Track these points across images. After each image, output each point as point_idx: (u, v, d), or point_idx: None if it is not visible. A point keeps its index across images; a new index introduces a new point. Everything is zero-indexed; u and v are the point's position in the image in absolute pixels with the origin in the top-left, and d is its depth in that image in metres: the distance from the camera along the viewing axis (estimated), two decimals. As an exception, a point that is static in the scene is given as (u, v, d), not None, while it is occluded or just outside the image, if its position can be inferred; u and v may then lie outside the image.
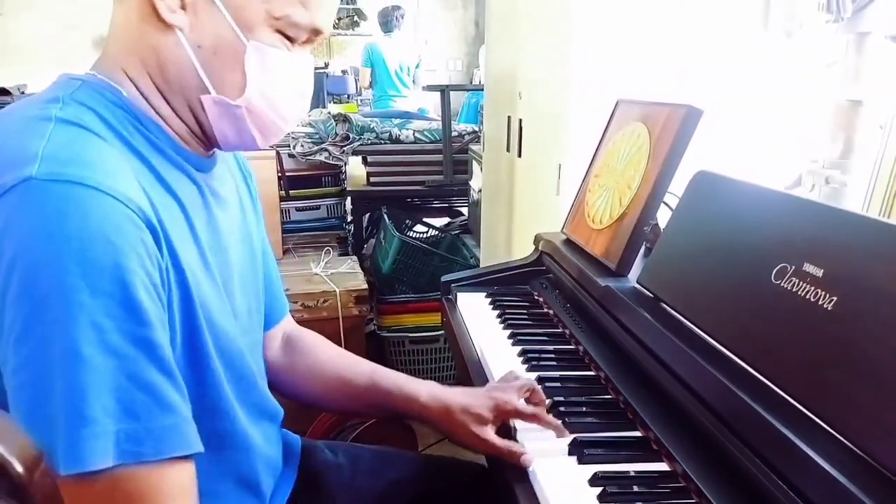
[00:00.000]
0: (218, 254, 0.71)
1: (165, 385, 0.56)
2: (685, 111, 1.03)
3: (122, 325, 0.53)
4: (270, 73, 0.66)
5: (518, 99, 1.77)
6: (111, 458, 0.52)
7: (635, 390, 0.85)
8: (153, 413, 0.55)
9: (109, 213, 0.54)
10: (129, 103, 0.64)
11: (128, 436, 0.53)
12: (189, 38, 0.63)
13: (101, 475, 0.52)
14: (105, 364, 0.52)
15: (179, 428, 0.57)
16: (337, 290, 2.06)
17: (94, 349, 0.52)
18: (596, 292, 1.04)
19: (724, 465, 0.66)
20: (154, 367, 0.55)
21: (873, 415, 0.55)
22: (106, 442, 0.52)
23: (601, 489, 0.67)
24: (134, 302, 0.54)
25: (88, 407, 0.51)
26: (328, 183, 2.85)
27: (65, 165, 0.54)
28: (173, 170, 0.66)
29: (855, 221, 0.67)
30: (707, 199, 0.92)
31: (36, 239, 0.51)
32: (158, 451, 0.55)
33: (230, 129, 0.68)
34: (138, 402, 0.54)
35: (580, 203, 1.28)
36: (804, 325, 0.65)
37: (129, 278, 0.54)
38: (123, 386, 0.53)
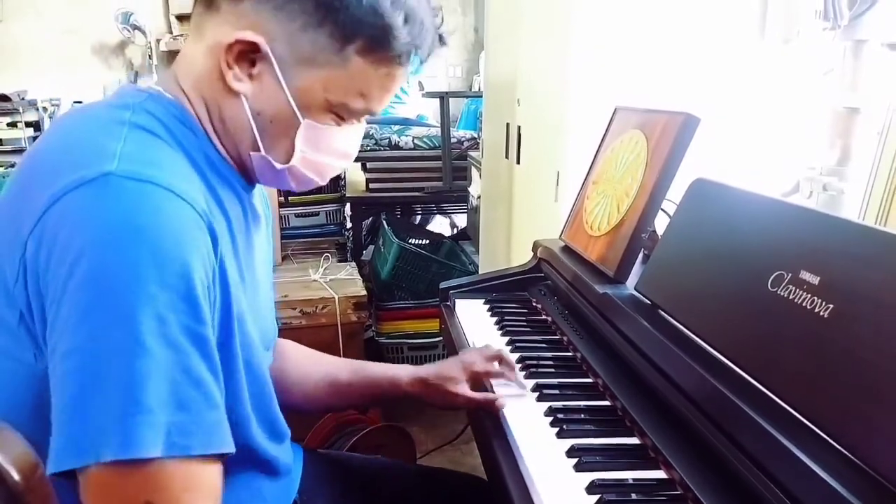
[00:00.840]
0: (250, 271, 0.74)
1: (212, 382, 0.57)
2: (683, 119, 1.03)
3: (183, 320, 0.55)
4: (318, 145, 0.71)
5: (517, 106, 1.78)
6: (160, 449, 0.52)
7: (633, 397, 0.85)
8: (202, 408, 0.56)
9: (180, 212, 0.57)
10: (191, 120, 0.68)
11: (178, 428, 0.54)
12: (251, 105, 0.68)
13: (146, 464, 0.52)
14: (164, 355, 0.53)
15: (222, 425, 0.58)
16: (336, 297, 2.06)
17: (156, 340, 0.53)
18: (594, 299, 1.04)
19: (721, 473, 0.66)
20: (205, 363, 0.57)
21: (870, 423, 0.56)
22: (158, 432, 0.52)
23: (598, 497, 0.67)
24: (195, 299, 0.56)
25: (146, 395, 0.52)
26: (327, 189, 2.85)
27: (141, 165, 0.57)
28: (224, 186, 0.70)
29: (851, 229, 0.68)
30: (704, 206, 0.92)
31: (110, 229, 0.53)
32: (205, 445, 0.55)
33: (271, 179, 0.73)
34: (190, 397, 0.55)
35: (578, 210, 1.29)
36: (800, 332, 0.66)
37: (194, 276, 0.56)
38: (178, 379, 0.54)
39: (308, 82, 0.66)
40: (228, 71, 0.66)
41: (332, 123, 0.70)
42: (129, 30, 4.31)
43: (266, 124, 0.69)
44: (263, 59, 0.65)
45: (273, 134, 0.69)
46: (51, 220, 0.54)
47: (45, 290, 0.54)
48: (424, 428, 2.12)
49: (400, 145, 2.74)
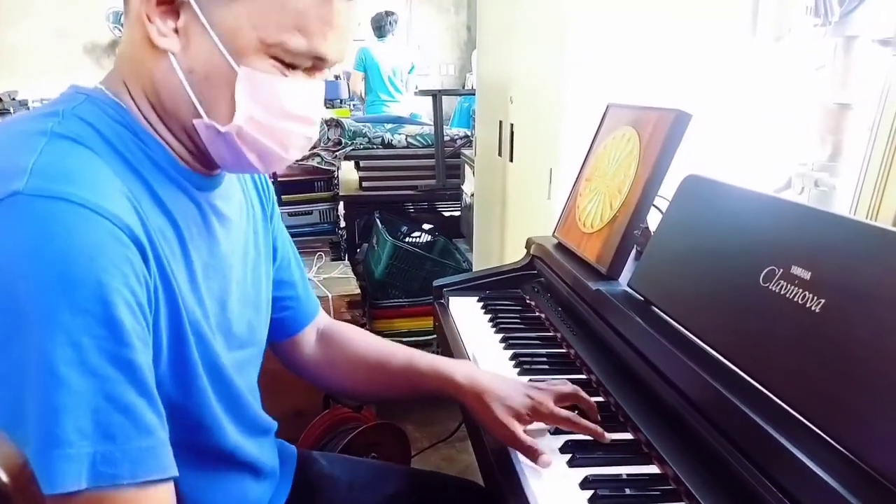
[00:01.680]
0: (215, 271, 0.70)
1: (143, 407, 0.55)
2: (674, 116, 1.03)
3: (103, 345, 0.52)
4: (262, 99, 0.63)
5: (510, 104, 1.78)
6: (84, 481, 0.50)
7: (627, 393, 0.85)
8: (130, 435, 0.53)
9: (94, 230, 0.53)
10: (131, 120, 0.64)
11: (104, 458, 0.51)
12: (181, 63, 0.62)
13: (76, 497, 0.50)
14: (83, 384, 0.51)
15: (155, 451, 0.55)
16: (330, 296, 2.06)
17: (72, 369, 0.50)
18: (587, 296, 1.04)
19: (714, 468, 0.67)
20: (133, 388, 0.54)
21: (861, 417, 0.56)
22: (79, 464, 0.50)
23: (592, 492, 0.67)
24: (115, 321, 0.53)
25: (61, 428, 0.50)
26: (320, 188, 2.84)
27: (52, 181, 0.53)
28: (171, 188, 0.65)
29: (842, 224, 0.68)
30: (696, 202, 0.92)
31: (17, 255, 0.50)
32: (134, 473, 0.53)
33: (226, 153, 0.66)
34: (115, 424, 0.52)
35: (571, 207, 1.29)
36: (792, 327, 0.66)
37: (112, 297, 0.53)
38: (101, 407, 0.52)
39: (235, 20, 0.60)
40: (151, 27, 0.60)
41: (274, 72, 0.63)
42: (121, 29, 4.29)
43: (201, 82, 0.62)
44: (183, 3, 0.60)
45: (211, 92, 0.63)
46: None
47: None
48: (419, 426, 2.12)
49: (393, 144, 2.74)
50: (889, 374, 0.55)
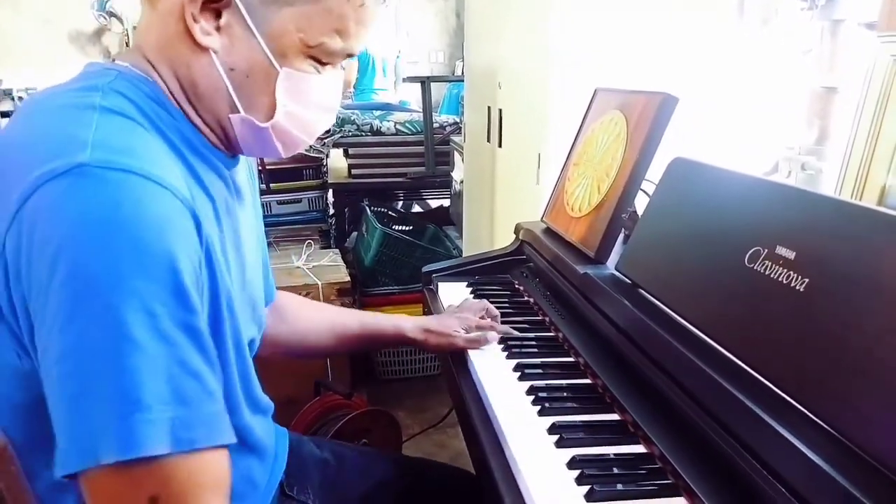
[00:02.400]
0: (237, 249, 0.72)
1: (209, 373, 0.56)
2: (661, 99, 1.03)
3: (174, 312, 0.53)
4: (300, 96, 0.67)
5: (498, 89, 1.77)
6: (167, 445, 0.51)
7: (613, 375, 0.86)
8: (203, 400, 0.55)
9: (161, 201, 0.54)
10: (164, 98, 0.64)
11: (182, 422, 0.52)
12: (222, 61, 0.64)
13: (150, 463, 0.51)
14: (157, 350, 0.52)
15: (223, 416, 0.57)
16: (319, 283, 2.06)
17: (147, 334, 0.51)
18: (575, 280, 1.04)
19: (699, 446, 0.67)
20: (200, 354, 0.55)
21: (844, 394, 0.56)
22: (161, 428, 0.51)
23: (579, 472, 0.67)
24: (184, 290, 0.54)
25: (143, 392, 0.51)
26: (309, 176, 2.83)
27: (116, 153, 0.54)
28: (204, 166, 0.67)
29: (826, 204, 0.68)
30: (683, 185, 0.93)
31: (88, 224, 0.51)
32: (210, 437, 0.54)
33: (255, 143, 0.69)
34: (189, 389, 0.54)
35: (559, 192, 1.29)
36: (777, 307, 0.66)
37: (180, 266, 0.54)
38: (175, 373, 0.53)
39: (280, 24, 0.62)
40: (195, 25, 0.61)
41: (311, 70, 0.67)
42: (106, 17, 4.25)
43: (242, 80, 0.65)
44: (229, 5, 0.61)
45: (251, 90, 0.65)
46: (26, 218, 0.52)
47: (28, 290, 0.53)
48: (410, 412, 2.13)
49: (382, 131, 2.73)
50: (871, 351, 0.56)
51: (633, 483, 0.66)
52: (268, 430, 0.82)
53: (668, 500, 0.64)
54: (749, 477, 0.59)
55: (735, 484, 0.61)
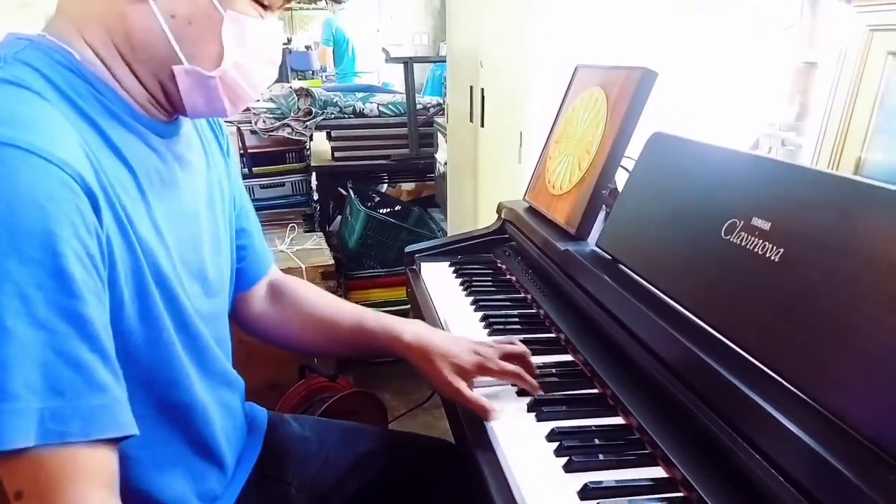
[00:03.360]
0: (184, 218, 0.69)
1: (95, 362, 0.53)
2: (641, 74, 1.03)
3: (52, 297, 0.50)
4: (246, 43, 0.64)
5: (480, 68, 1.76)
6: (33, 437, 0.48)
7: (593, 350, 0.86)
8: (80, 391, 0.51)
9: (43, 177, 0.51)
10: (80, 66, 0.61)
11: (52, 414, 0.50)
12: (162, 7, 0.60)
13: (22, 455, 0.49)
14: (31, 337, 0.49)
15: (110, 408, 0.53)
16: (303, 267, 2.05)
17: (19, 321, 0.48)
18: (556, 256, 1.04)
19: (676, 417, 0.68)
20: (84, 343, 0.52)
21: (817, 361, 0.57)
22: (28, 420, 0.48)
23: (558, 444, 0.68)
24: (65, 273, 0.51)
25: (10, 382, 0.48)
26: (292, 159, 2.81)
27: (5, 122, 0.51)
28: (127, 135, 0.63)
29: (799, 174, 0.69)
30: (662, 159, 0.93)
31: None
32: (85, 431, 0.51)
33: (201, 98, 0.66)
34: (65, 380, 0.51)
35: (541, 170, 1.29)
36: (752, 277, 0.67)
37: (61, 247, 0.51)
38: (50, 361, 0.50)
39: None
40: None
41: (254, 14, 0.64)
42: None
43: (183, 27, 0.61)
44: None
45: (193, 37, 0.62)
46: None
47: None
48: (396, 394, 2.14)
49: (365, 113, 2.71)
50: (844, 319, 0.56)
51: (612, 453, 0.67)
52: (235, 405, 0.81)
53: (645, 469, 0.65)
54: (724, 445, 0.60)
55: (711, 452, 0.62)
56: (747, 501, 0.56)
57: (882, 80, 0.85)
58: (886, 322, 0.52)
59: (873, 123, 0.85)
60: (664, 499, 0.60)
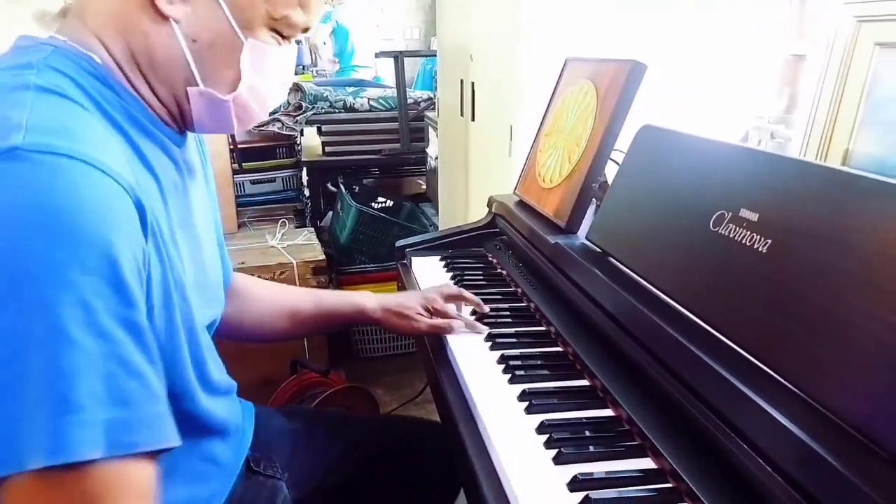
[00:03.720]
0: (189, 229, 0.70)
1: (151, 372, 0.53)
2: (630, 66, 1.03)
3: (112, 307, 0.50)
4: (263, 69, 0.66)
5: (470, 62, 1.75)
6: (101, 449, 0.47)
7: (583, 342, 0.86)
8: (143, 401, 0.51)
9: (100, 187, 0.51)
10: (107, 74, 0.61)
11: (120, 425, 0.49)
12: (184, 31, 0.62)
13: (85, 468, 0.47)
14: (94, 347, 0.48)
15: (165, 417, 0.54)
16: (294, 262, 2.04)
17: (83, 330, 0.48)
18: (546, 250, 1.04)
19: (665, 408, 0.68)
20: (142, 353, 0.52)
21: (805, 352, 0.57)
22: (95, 431, 0.47)
23: (547, 436, 0.68)
24: (124, 283, 0.51)
25: (75, 392, 0.47)
26: (283, 154, 2.80)
27: (52, 136, 0.50)
28: (151, 145, 0.64)
29: (788, 165, 0.69)
30: (651, 152, 0.93)
31: (22, 210, 0.47)
32: (150, 441, 0.51)
33: (211, 118, 0.67)
34: (129, 389, 0.50)
35: (531, 163, 1.28)
36: (740, 269, 0.67)
37: (119, 258, 0.50)
38: (114, 371, 0.49)
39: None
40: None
41: (273, 43, 0.66)
42: (69, -6, 4.12)
43: (204, 51, 0.63)
44: None
45: (212, 61, 0.64)
46: None
47: None
48: (388, 389, 2.14)
49: (355, 107, 2.69)
50: (831, 309, 0.56)
51: (601, 445, 0.67)
52: (232, 409, 0.81)
53: (634, 460, 0.65)
54: (713, 436, 0.60)
55: (699, 443, 0.62)
56: (735, 491, 0.57)
57: (869, 70, 0.85)
58: (873, 312, 0.52)
59: (860, 115, 0.85)
60: (653, 489, 0.60)
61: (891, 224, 0.55)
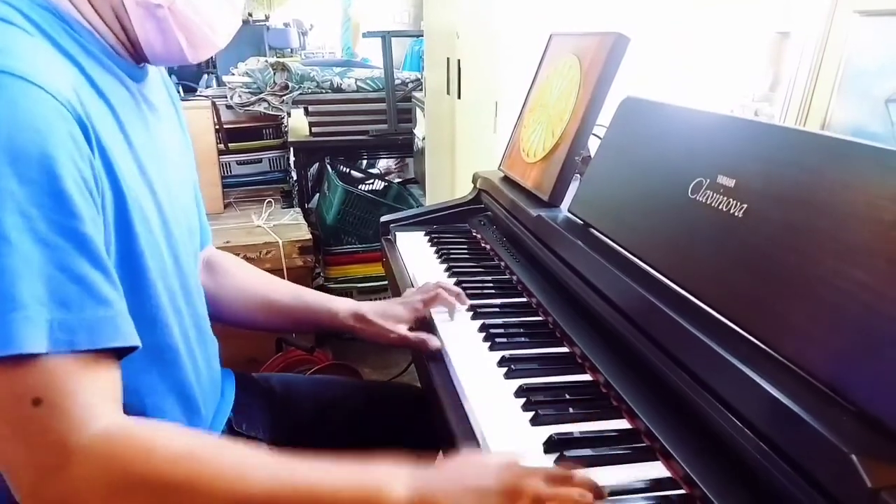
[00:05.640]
0: (158, 161, 0.70)
1: (98, 278, 0.54)
2: (613, 39, 1.03)
3: (51, 216, 0.51)
4: None
5: (456, 39, 1.75)
6: (45, 344, 0.50)
7: (563, 311, 0.87)
8: (86, 304, 0.53)
9: (37, 103, 0.52)
10: (55, 6, 0.61)
11: (60, 324, 0.51)
12: None
13: (35, 361, 0.50)
14: (34, 252, 0.50)
15: (114, 321, 0.55)
16: (280, 242, 2.04)
17: (23, 236, 0.50)
18: (529, 223, 1.04)
19: (641, 371, 0.69)
20: (85, 259, 0.53)
21: (778, 311, 0.58)
22: (38, 328, 0.50)
23: (525, 399, 0.68)
24: (63, 193, 0.52)
25: (18, 291, 0.49)
26: (269, 135, 2.78)
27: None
28: (105, 73, 0.64)
29: (764, 131, 0.69)
30: (632, 124, 0.93)
31: None
32: (92, 340, 0.53)
33: (155, 34, 0.66)
34: (70, 293, 0.52)
35: (516, 139, 1.28)
36: (717, 234, 0.67)
37: (58, 169, 0.52)
38: (54, 276, 0.51)
39: None
40: None
41: None
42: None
43: None
44: None
45: None
46: None
47: None
48: (374, 368, 2.14)
49: (342, 87, 2.67)
50: (803, 269, 0.57)
51: (577, 407, 0.68)
52: (210, 359, 0.81)
53: (610, 421, 0.66)
54: (688, 397, 0.61)
55: (674, 404, 0.63)
56: (709, 447, 0.58)
57: (847, 39, 0.86)
58: (843, 270, 0.53)
59: (839, 83, 0.86)
60: (628, 448, 0.61)
61: (862, 184, 0.55)
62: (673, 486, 0.57)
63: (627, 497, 0.55)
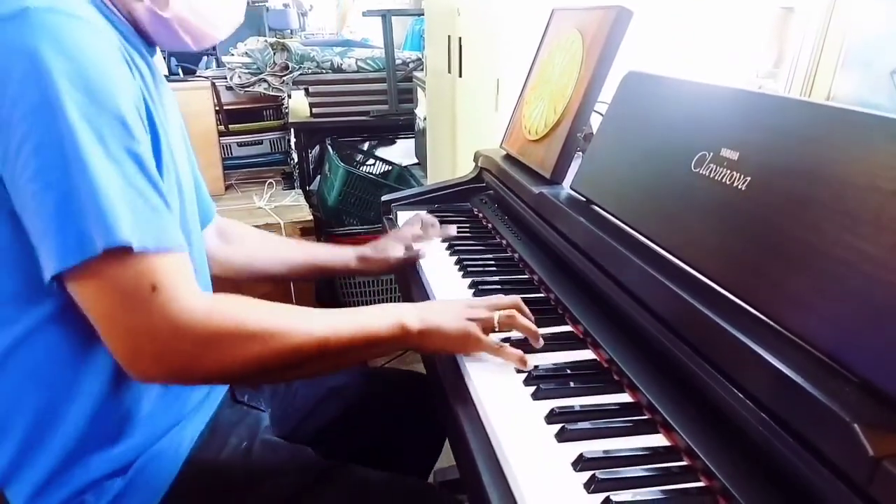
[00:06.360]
0: (170, 131, 0.73)
1: (151, 191, 0.60)
2: (616, 12, 1.02)
3: (120, 138, 0.58)
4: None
5: (457, 16, 1.73)
6: (135, 243, 0.56)
7: (565, 288, 0.87)
8: (150, 213, 0.59)
9: (104, 44, 0.60)
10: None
11: (139, 227, 0.58)
12: None
13: (141, 256, 0.57)
14: (110, 169, 0.57)
15: (174, 226, 0.62)
16: (281, 223, 2.04)
17: (100, 153, 0.56)
18: (531, 200, 1.04)
19: (643, 346, 0.69)
20: (143, 176, 0.60)
21: (781, 283, 0.57)
22: (129, 228, 0.57)
23: (527, 374, 0.68)
24: (126, 120, 0.59)
25: (109, 195, 0.56)
26: (270, 116, 2.77)
27: (55, 2, 0.57)
28: (127, 44, 0.68)
29: (768, 103, 0.68)
30: (635, 98, 0.92)
31: (41, 60, 0.54)
32: (169, 240, 0.60)
33: (164, 33, 0.72)
34: (138, 204, 0.59)
35: (517, 116, 1.27)
36: (720, 207, 0.67)
37: (122, 98, 0.59)
38: (124, 187, 0.58)
39: None
40: None
41: None
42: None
43: None
44: None
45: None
46: None
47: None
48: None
49: (343, 68, 2.65)
50: (806, 240, 0.56)
51: (579, 382, 0.68)
52: None
53: (612, 395, 0.66)
54: (690, 370, 0.60)
55: (676, 377, 0.63)
56: (710, 419, 0.58)
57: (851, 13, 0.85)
58: (846, 241, 0.53)
59: (843, 57, 0.85)
60: (629, 421, 0.61)
61: (866, 154, 0.55)
62: (674, 457, 0.57)
63: (628, 469, 0.55)
